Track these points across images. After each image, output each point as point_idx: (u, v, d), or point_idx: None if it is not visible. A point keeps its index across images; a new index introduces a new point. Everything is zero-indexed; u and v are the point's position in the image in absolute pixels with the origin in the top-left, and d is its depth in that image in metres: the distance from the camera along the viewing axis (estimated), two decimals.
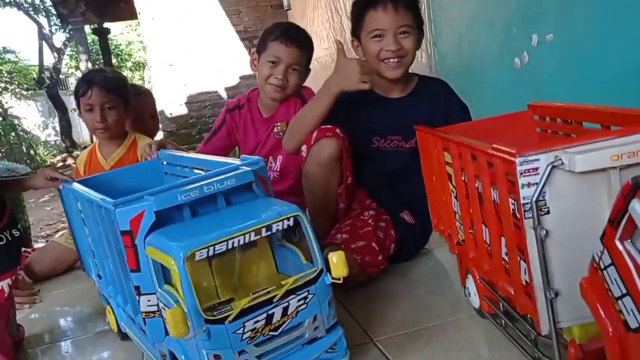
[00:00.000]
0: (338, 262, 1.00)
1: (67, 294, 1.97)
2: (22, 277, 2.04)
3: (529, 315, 0.93)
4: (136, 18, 6.42)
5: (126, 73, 18.81)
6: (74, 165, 2.63)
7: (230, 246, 0.96)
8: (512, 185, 0.86)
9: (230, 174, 1.09)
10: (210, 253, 0.95)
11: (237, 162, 1.20)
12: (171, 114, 5.93)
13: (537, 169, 0.81)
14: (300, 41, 1.90)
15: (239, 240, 0.97)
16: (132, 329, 1.29)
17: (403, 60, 1.59)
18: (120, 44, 18.96)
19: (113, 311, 1.39)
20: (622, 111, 0.98)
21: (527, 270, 0.86)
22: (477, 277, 1.18)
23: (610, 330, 0.69)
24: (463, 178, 1.09)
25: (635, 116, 0.90)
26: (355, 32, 1.66)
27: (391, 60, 1.58)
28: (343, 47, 1.53)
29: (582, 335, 0.85)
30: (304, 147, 1.58)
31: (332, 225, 1.61)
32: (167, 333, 1.06)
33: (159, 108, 6.10)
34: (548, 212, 0.82)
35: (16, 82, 12.98)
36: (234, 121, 2.11)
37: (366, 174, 1.68)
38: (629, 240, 0.64)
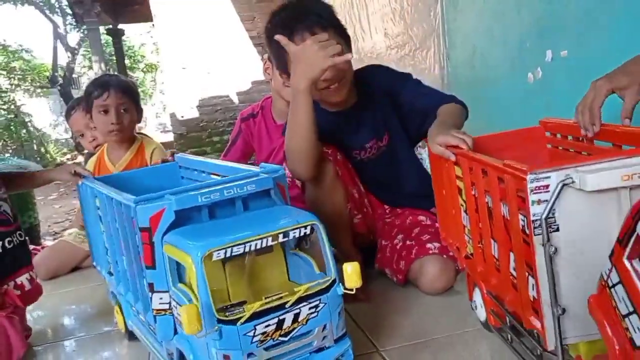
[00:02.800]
0: (352, 273, 1.01)
1: (74, 292, 1.99)
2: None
3: (535, 331, 0.93)
4: (151, 20, 6.47)
5: (138, 75, 18.95)
6: (82, 164, 2.65)
7: (247, 249, 0.98)
8: (522, 202, 0.87)
9: (250, 180, 1.11)
10: (228, 254, 0.96)
11: (255, 169, 1.22)
12: (182, 116, 5.96)
13: (547, 186, 0.81)
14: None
15: (255, 245, 0.99)
16: (140, 328, 1.30)
17: (343, 81, 1.50)
18: (133, 46, 19.09)
19: (121, 310, 1.40)
20: (634, 131, 0.99)
21: (534, 286, 0.87)
22: (485, 291, 1.18)
23: (616, 347, 0.69)
24: (473, 192, 1.10)
25: None
26: (282, 67, 1.51)
27: (331, 87, 1.49)
28: (287, 39, 1.39)
29: (588, 353, 0.85)
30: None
31: (351, 240, 1.60)
32: (176, 331, 1.07)
33: (170, 110, 6.14)
34: (557, 230, 0.82)
35: (29, 80, 13.11)
36: (249, 129, 2.13)
37: (369, 184, 1.67)
38: (637, 259, 0.65)
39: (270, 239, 1.00)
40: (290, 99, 2.01)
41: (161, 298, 1.08)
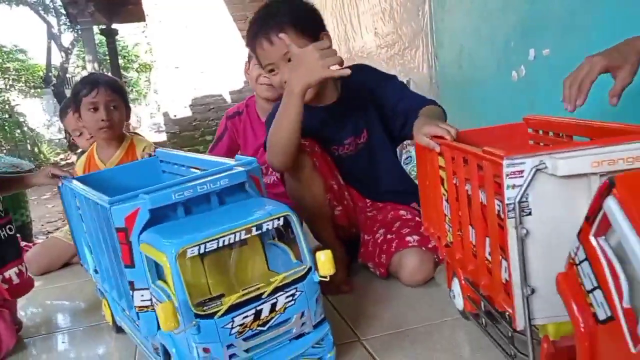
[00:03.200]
0: (325, 261, 1.04)
1: (64, 288, 2.01)
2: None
3: (507, 314, 0.96)
4: (144, 20, 6.49)
5: (132, 74, 18.93)
6: (74, 163, 2.66)
7: (220, 244, 1.00)
8: (498, 187, 0.90)
9: (223, 174, 1.13)
10: (202, 250, 0.98)
11: (231, 162, 1.24)
12: (175, 115, 5.99)
13: (522, 172, 0.85)
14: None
15: (229, 239, 1.01)
16: (126, 323, 1.33)
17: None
18: (127, 46, 19.06)
19: (109, 305, 1.43)
20: (609, 126, 1.02)
21: (507, 269, 0.90)
22: (462, 278, 1.21)
23: (581, 324, 0.72)
24: (454, 181, 1.13)
25: (621, 130, 0.94)
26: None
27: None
28: (289, 39, 1.42)
29: (555, 333, 0.88)
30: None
31: (332, 231, 1.62)
32: (159, 327, 1.10)
33: (163, 109, 6.16)
34: (530, 214, 0.86)
35: (23, 80, 13.09)
36: (235, 127, 2.17)
37: (348, 179, 1.70)
38: (603, 236, 0.68)
39: (243, 232, 1.02)
40: (263, 96, 2.04)
41: (142, 295, 1.10)
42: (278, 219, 1.05)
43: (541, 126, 1.32)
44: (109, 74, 12.85)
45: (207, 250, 0.98)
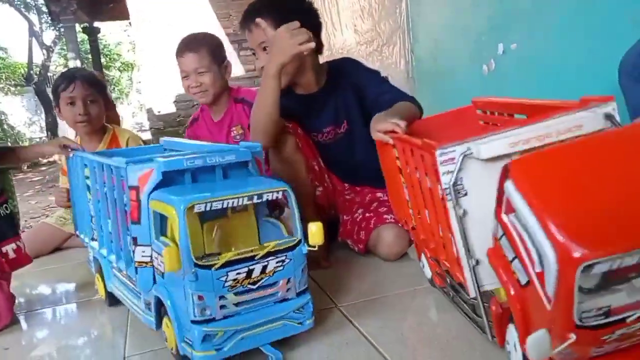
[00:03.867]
0: (316, 232, 1.15)
1: (56, 270, 2.08)
2: None
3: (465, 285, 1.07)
4: (127, 18, 6.53)
5: (114, 73, 18.84)
6: (59, 162, 2.72)
7: (225, 205, 1.10)
8: (438, 175, 1.00)
9: (231, 151, 1.25)
10: (207, 208, 1.08)
11: (234, 146, 1.35)
12: (159, 112, 6.04)
13: (453, 159, 0.95)
14: (190, 46, 2.03)
15: (232, 202, 1.11)
16: (120, 287, 1.42)
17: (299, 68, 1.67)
18: (109, 44, 18.97)
19: (102, 276, 1.52)
20: (543, 103, 1.12)
21: (455, 244, 1.01)
22: (429, 257, 1.32)
23: (511, 290, 0.83)
24: (407, 170, 1.23)
25: (553, 106, 1.04)
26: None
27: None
28: (265, 23, 1.58)
29: (503, 296, 0.99)
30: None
31: (314, 210, 1.72)
32: (155, 282, 1.20)
33: (147, 106, 6.21)
34: (466, 195, 0.96)
35: (4, 78, 12.99)
36: (194, 133, 2.23)
37: (327, 164, 1.81)
38: (512, 214, 0.78)
39: (246, 198, 1.12)
40: (201, 102, 2.12)
41: (143, 251, 1.20)
42: (277, 192, 1.16)
43: (487, 107, 1.41)
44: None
45: (212, 208, 1.09)
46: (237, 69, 5.51)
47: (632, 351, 0.78)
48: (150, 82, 6.01)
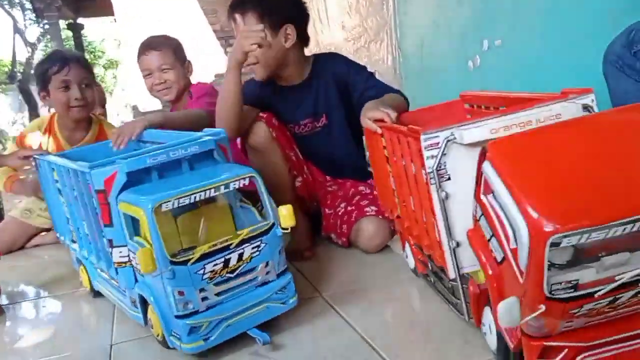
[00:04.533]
0: (287, 214, 1.16)
1: (34, 264, 2.07)
2: None
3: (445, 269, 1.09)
4: (112, 14, 6.49)
5: (99, 70, 18.65)
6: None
7: (192, 200, 1.10)
8: (423, 160, 1.03)
9: (193, 142, 1.24)
10: (175, 205, 1.08)
11: (199, 134, 1.34)
12: (144, 108, 6.01)
13: (437, 143, 0.97)
14: (153, 46, 2.06)
15: (200, 196, 1.11)
16: (105, 285, 1.42)
17: (257, 65, 1.69)
18: (93, 41, 18.78)
19: (87, 270, 1.52)
20: (528, 96, 1.14)
21: (437, 227, 1.03)
22: (412, 244, 1.34)
23: (489, 270, 0.86)
24: (394, 158, 1.25)
25: (532, 99, 1.06)
26: None
27: (250, 67, 1.71)
28: (240, 19, 1.65)
29: (481, 278, 1.01)
30: (238, 140, 1.72)
31: (294, 201, 1.72)
32: (136, 280, 1.20)
33: (133, 103, 6.18)
34: (449, 179, 0.99)
35: None
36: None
37: (307, 156, 1.83)
38: (490, 194, 0.81)
39: (213, 190, 1.12)
40: (165, 99, 2.13)
41: (120, 252, 1.20)
42: (244, 179, 1.16)
43: (474, 100, 1.44)
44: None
45: (180, 205, 1.09)
46: (222, 67, 5.51)
47: (601, 328, 0.81)
48: (135, 79, 5.97)
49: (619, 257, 0.72)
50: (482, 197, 0.82)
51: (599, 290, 0.72)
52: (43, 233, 2.31)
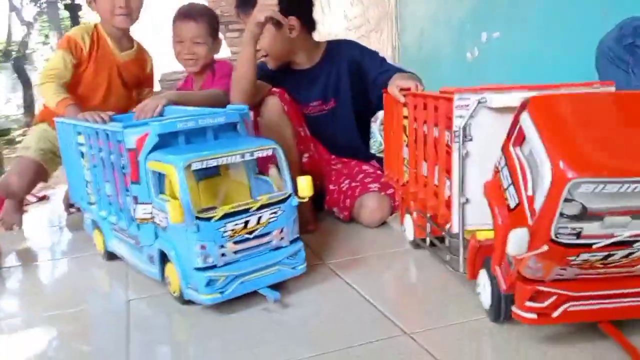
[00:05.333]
0: (305, 184, 1.26)
1: (46, 229, 2.14)
2: None
3: (448, 227, 1.19)
4: None
5: None
6: None
7: (219, 163, 1.20)
8: (449, 122, 1.12)
9: (221, 113, 1.34)
10: (204, 166, 1.18)
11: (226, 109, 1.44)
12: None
13: (467, 105, 1.08)
14: (194, 16, 2.07)
15: (226, 160, 1.21)
16: (120, 244, 1.50)
17: (269, 56, 1.82)
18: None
19: (101, 233, 1.60)
20: (529, 87, 1.25)
21: (449, 187, 1.13)
22: (413, 210, 1.44)
23: (499, 219, 0.95)
24: (415, 126, 1.35)
25: (547, 86, 1.17)
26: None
27: (262, 57, 1.83)
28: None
29: (480, 236, 1.11)
30: (251, 114, 1.80)
31: (302, 174, 1.82)
32: (157, 236, 1.29)
33: None
34: (471, 140, 1.10)
35: None
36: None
37: (314, 135, 1.93)
38: (518, 147, 0.91)
39: (239, 156, 1.22)
40: (189, 71, 2.14)
41: (144, 209, 1.29)
42: (267, 149, 1.26)
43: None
44: None
45: (207, 166, 1.18)
46: (222, 51, 5.56)
47: (589, 283, 0.91)
48: None
49: (621, 220, 0.83)
50: (511, 148, 0.92)
51: (597, 243, 0.82)
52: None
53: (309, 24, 1.86)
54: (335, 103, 1.90)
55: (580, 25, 1.90)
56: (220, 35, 2.15)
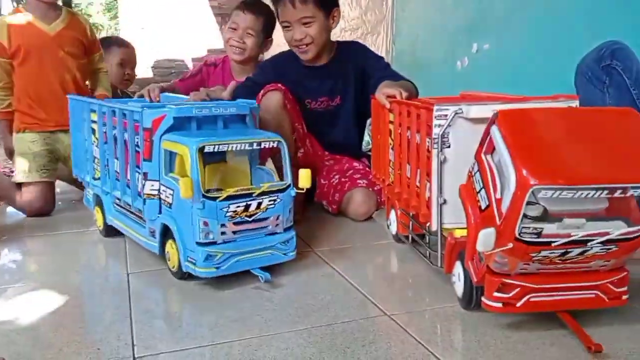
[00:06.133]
0: (305, 175, 1.37)
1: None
2: None
3: (427, 225, 1.30)
4: None
5: None
6: None
7: (229, 148, 1.31)
8: (429, 129, 1.23)
9: (232, 104, 1.46)
10: (215, 149, 1.28)
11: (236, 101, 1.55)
12: (136, 76, 6.09)
13: (446, 115, 1.18)
14: (255, 9, 2.21)
15: (235, 146, 1.32)
16: (121, 218, 1.60)
17: (309, 46, 1.91)
18: (81, 3, 18.50)
19: (101, 209, 1.68)
20: (524, 98, 1.36)
21: (429, 188, 1.24)
22: (398, 209, 1.55)
23: (472, 218, 1.06)
24: (399, 131, 1.46)
25: (524, 98, 1.29)
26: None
27: (301, 47, 1.92)
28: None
29: (457, 234, 1.22)
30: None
31: (296, 168, 1.92)
32: (160, 211, 1.38)
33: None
34: (449, 146, 1.21)
35: None
36: (208, 74, 2.38)
37: (312, 131, 2.04)
38: (489, 154, 1.02)
39: (247, 144, 1.33)
40: (232, 58, 2.28)
41: (152, 185, 1.39)
42: (273, 142, 1.36)
43: (473, 99, 1.65)
44: None
45: (218, 150, 1.28)
46: (216, 42, 5.64)
47: (549, 277, 1.03)
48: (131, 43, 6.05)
49: (577, 221, 0.95)
50: (483, 156, 1.03)
51: (555, 241, 0.94)
52: None
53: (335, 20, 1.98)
54: (341, 101, 2.02)
55: (566, 42, 2.03)
56: (217, 27, 2.25)
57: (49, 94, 2.11)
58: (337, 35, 4.07)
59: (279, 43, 2.17)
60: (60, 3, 2.19)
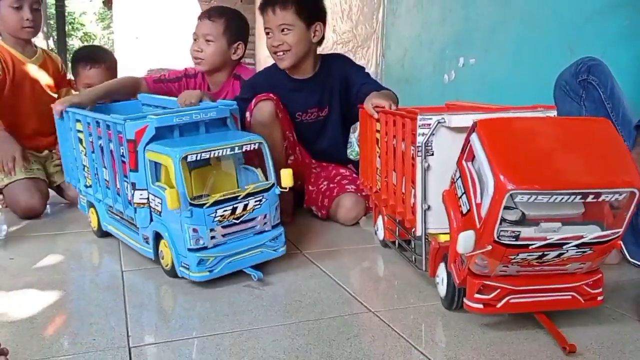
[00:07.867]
0: (287, 175, 1.41)
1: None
2: None
3: (412, 230, 1.35)
4: None
5: (75, 43, 18.41)
6: None
7: (212, 155, 1.34)
8: (414, 138, 1.29)
9: (212, 108, 1.49)
10: (198, 157, 1.32)
11: (214, 104, 1.58)
12: None
13: (430, 124, 1.24)
14: (211, 14, 2.11)
15: (218, 152, 1.35)
16: (115, 224, 1.63)
17: (287, 53, 1.93)
18: (74, 12, 18.54)
19: (97, 213, 1.72)
20: (506, 107, 1.42)
21: (414, 194, 1.29)
22: (385, 214, 1.60)
23: (454, 222, 1.12)
24: (386, 139, 1.51)
25: (505, 108, 1.34)
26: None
27: (277, 53, 1.94)
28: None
29: (441, 239, 1.27)
30: (247, 114, 1.93)
31: None
32: (151, 219, 1.42)
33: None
34: (433, 154, 1.26)
35: None
36: (187, 85, 2.25)
37: (301, 141, 2.09)
38: (470, 161, 1.08)
39: (229, 149, 1.37)
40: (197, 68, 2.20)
41: (141, 194, 1.43)
42: (254, 144, 1.41)
43: (457, 109, 1.72)
44: (55, 38, 12.31)
45: (201, 158, 1.32)
46: None
47: (527, 279, 1.08)
48: (125, 53, 6.10)
49: (553, 225, 1.00)
50: (464, 162, 1.08)
51: (533, 244, 0.99)
52: None
53: (323, 36, 2.03)
54: (329, 111, 2.08)
55: (547, 57, 2.11)
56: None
57: (24, 124, 2.20)
58: (329, 48, 4.16)
59: None
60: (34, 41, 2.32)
